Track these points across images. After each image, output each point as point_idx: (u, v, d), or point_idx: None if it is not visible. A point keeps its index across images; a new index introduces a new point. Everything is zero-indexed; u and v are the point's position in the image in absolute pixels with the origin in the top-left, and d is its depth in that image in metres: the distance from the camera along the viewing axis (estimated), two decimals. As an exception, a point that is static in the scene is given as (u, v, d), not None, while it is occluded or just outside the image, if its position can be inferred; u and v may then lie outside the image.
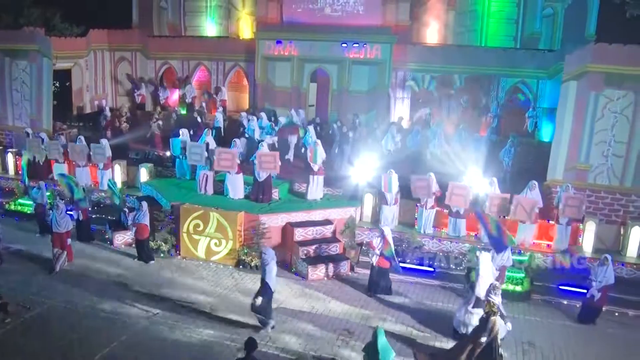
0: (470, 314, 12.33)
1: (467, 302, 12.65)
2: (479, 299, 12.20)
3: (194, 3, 29.82)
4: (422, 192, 17.31)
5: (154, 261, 16.43)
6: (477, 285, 12.43)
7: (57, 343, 11.99)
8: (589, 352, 12.46)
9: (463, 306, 12.74)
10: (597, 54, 16.99)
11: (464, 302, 12.83)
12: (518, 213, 16.25)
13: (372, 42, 24.98)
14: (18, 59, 24.10)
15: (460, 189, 16.94)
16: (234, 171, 18.04)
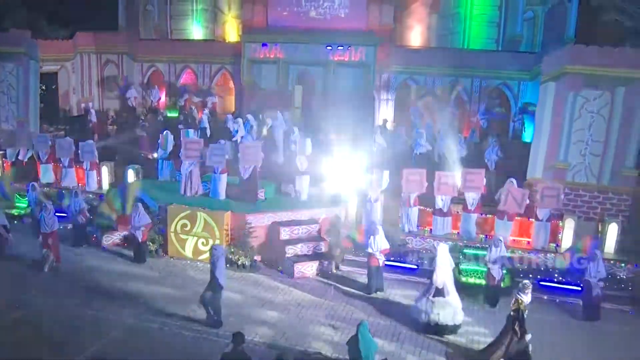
0: (431, 303, 13.07)
1: (427, 292, 13.35)
2: (438, 288, 13.06)
3: (180, 6, 30.01)
4: (414, 186, 17.58)
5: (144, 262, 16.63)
6: (435, 275, 13.21)
7: (47, 340, 12.19)
8: (563, 343, 12.92)
9: (423, 296, 13.40)
10: (575, 56, 17.42)
11: (424, 292, 13.51)
12: (509, 203, 16.64)
13: (356, 45, 25.39)
14: (4, 62, 24.19)
15: (448, 177, 17.28)
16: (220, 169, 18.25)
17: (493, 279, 14.76)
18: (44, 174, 21.33)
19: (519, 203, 16.59)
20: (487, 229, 17.49)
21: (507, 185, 16.79)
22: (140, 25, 30.73)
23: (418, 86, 25.65)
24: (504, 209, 16.79)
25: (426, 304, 13.22)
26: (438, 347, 12.64)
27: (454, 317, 13.20)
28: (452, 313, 13.19)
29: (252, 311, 13.88)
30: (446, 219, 17.55)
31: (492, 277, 14.76)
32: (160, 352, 11.92)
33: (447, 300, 13.17)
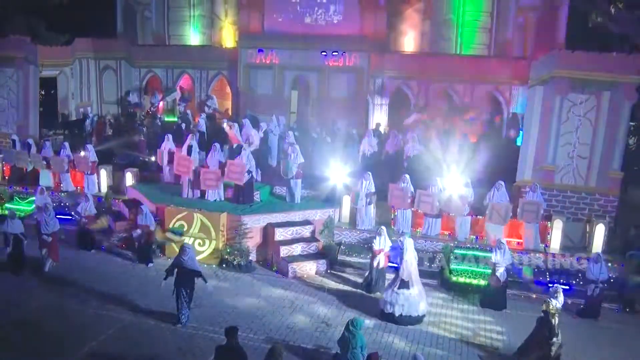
0: (396, 294, 13.72)
1: (393, 284, 13.93)
2: (403, 280, 13.74)
3: (177, 12, 30.33)
4: (398, 202, 18.05)
5: (153, 264, 16.92)
6: (401, 268, 13.82)
7: (47, 337, 12.51)
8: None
9: (389, 288, 13.98)
10: (561, 61, 17.81)
11: (390, 284, 14.09)
12: (494, 218, 17.09)
13: (350, 51, 25.76)
14: (5, 67, 24.51)
15: (428, 197, 17.72)
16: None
17: (497, 281, 14.91)
18: (43, 178, 21.69)
19: (502, 217, 17.03)
20: (477, 229, 17.92)
21: (496, 187, 17.24)
22: (138, 31, 31.14)
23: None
24: (489, 222, 17.27)
25: (392, 295, 13.79)
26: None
27: (418, 308, 13.86)
28: (416, 304, 13.80)
29: (246, 309, 14.22)
30: (436, 220, 17.97)
31: (497, 280, 14.89)
32: (156, 348, 12.24)
33: (412, 292, 13.76)
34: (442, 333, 13.53)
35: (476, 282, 15.80)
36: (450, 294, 15.73)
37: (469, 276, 15.98)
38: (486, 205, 17.27)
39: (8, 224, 15.69)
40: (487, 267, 15.69)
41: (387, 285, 14.36)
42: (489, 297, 15.05)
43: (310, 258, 17.05)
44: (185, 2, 30.10)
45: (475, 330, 13.71)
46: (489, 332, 13.70)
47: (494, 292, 14.98)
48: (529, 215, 16.96)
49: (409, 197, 17.83)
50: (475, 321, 14.20)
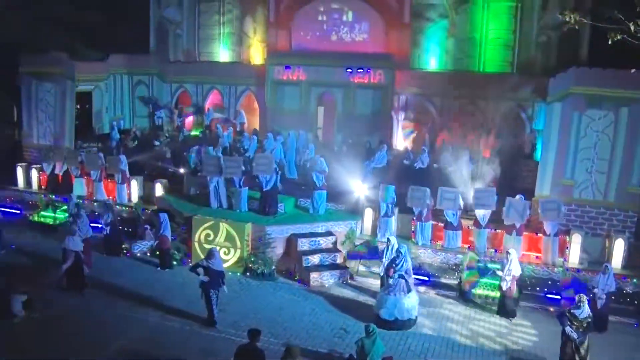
0: (391, 299, 14.32)
1: (387, 289, 14.55)
2: (389, 284, 14.51)
3: (208, 30, 31.29)
4: (417, 203, 18.45)
5: (171, 269, 17.75)
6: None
7: (76, 335, 13.29)
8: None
9: (383, 292, 14.64)
10: (579, 77, 18.06)
11: (384, 289, 14.74)
12: (511, 215, 17.41)
13: (375, 68, 26.26)
14: (44, 81, 25.63)
15: (450, 192, 18.12)
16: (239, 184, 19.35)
17: (506, 291, 15.29)
18: (77, 187, 22.64)
19: (520, 214, 17.34)
20: (496, 243, 18.21)
21: (508, 199, 17.56)
22: (170, 48, 32.12)
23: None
24: (508, 221, 17.57)
25: (386, 300, 14.32)
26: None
27: (410, 312, 14.42)
28: (408, 309, 14.36)
29: (268, 315, 14.77)
30: (457, 232, 18.30)
31: (501, 288, 15.37)
32: (180, 348, 12.84)
33: (406, 298, 14.34)
34: (457, 340, 13.87)
35: (494, 294, 16.07)
36: (469, 305, 16.03)
37: (488, 288, 16.27)
38: (504, 218, 17.60)
39: (69, 241, 15.76)
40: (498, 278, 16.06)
41: (382, 290, 14.97)
42: (501, 306, 15.46)
43: (331, 268, 17.54)
44: (215, 20, 31.06)
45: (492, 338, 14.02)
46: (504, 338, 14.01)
47: (505, 302, 15.35)
48: (549, 213, 17.26)
49: (430, 199, 18.27)
50: (492, 330, 14.52)
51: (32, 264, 17.66)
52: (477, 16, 26.93)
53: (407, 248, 15.30)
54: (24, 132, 26.60)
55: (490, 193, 17.90)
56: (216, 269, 13.83)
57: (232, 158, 20.04)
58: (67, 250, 15.62)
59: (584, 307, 12.15)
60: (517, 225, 17.56)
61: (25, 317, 13.89)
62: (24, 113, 26.53)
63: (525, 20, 26.26)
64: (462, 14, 27.33)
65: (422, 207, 18.33)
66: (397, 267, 14.48)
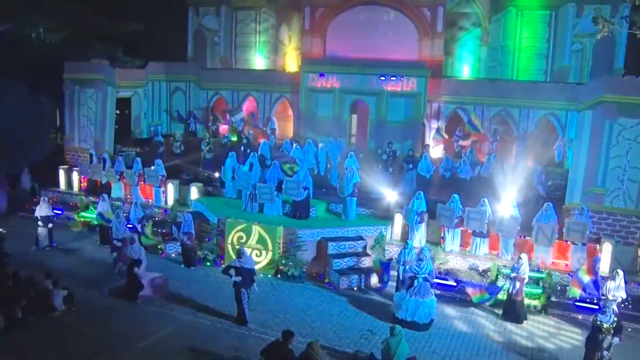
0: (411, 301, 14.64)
1: (407, 290, 14.85)
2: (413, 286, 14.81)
3: (244, 38, 32.00)
4: (445, 222, 18.66)
5: (195, 267, 18.34)
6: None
7: (114, 328, 13.91)
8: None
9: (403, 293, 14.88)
10: (611, 85, 18.06)
11: (404, 290, 14.96)
12: (540, 239, 17.45)
13: (408, 76, 26.42)
14: (86, 87, 26.67)
15: (476, 213, 18.24)
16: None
17: (516, 294, 15.47)
18: (115, 190, 23.43)
19: (548, 238, 17.34)
20: (526, 250, 18.21)
21: (536, 225, 17.54)
22: (207, 56, 32.93)
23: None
24: (536, 244, 17.63)
25: (407, 301, 14.62)
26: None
27: (430, 314, 14.70)
28: (429, 311, 14.66)
29: (297, 315, 15.14)
30: (484, 239, 18.42)
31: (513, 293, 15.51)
32: (212, 344, 13.28)
33: (425, 300, 14.61)
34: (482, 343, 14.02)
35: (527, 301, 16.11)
36: (495, 310, 16.12)
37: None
38: (534, 226, 17.63)
39: (129, 248, 16.01)
40: (534, 286, 16.13)
41: (401, 291, 15.17)
42: (507, 309, 15.60)
43: (361, 272, 17.82)
44: (251, 29, 31.75)
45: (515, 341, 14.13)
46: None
47: (513, 305, 15.47)
48: (574, 235, 17.23)
49: (456, 218, 18.40)
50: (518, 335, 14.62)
51: (72, 261, 18.46)
52: (510, 24, 27.02)
53: (428, 250, 15.52)
54: (67, 136, 27.69)
55: (515, 222, 17.83)
56: (247, 267, 14.27)
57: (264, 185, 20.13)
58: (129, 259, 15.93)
59: (610, 313, 12.18)
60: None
61: (65, 311, 14.56)
62: (66, 118, 27.66)
63: (560, 28, 26.22)
64: (495, 22, 27.48)
65: (450, 227, 18.57)
66: (420, 270, 14.70)
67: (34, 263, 17.62)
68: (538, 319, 15.68)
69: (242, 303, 14.29)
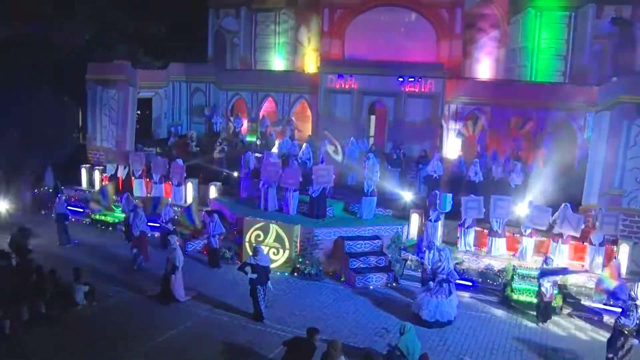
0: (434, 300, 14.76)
1: (430, 290, 14.96)
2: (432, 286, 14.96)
3: (264, 40, 32.24)
4: (473, 213, 18.74)
5: (219, 268, 18.58)
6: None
7: (133, 323, 14.23)
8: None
9: (427, 293, 14.98)
10: (628, 86, 18.00)
11: (427, 290, 15.09)
12: (565, 227, 17.49)
13: (426, 77, 26.40)
14: (108, 88, 27.15)
15: (504, 201, 18.34)
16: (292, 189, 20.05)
17: (543, 296, 15.36)
18: (137, 188, 23.84)
19: (574, 227, 17.35)
20: (542, 251, 18.24)
21: (563, 209, 17.57)
22: (227, 57, 33.27)
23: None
24: (560, 230, 17.60)
25: (428, 302, 14.77)
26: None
27: (450, 314, 14.86)
28: (449, 311, 14.80)
29: (313, 313, 15.34)
30: (500, 240, 18.48)
31: (542, 294, 15.36)
32: (228, 339, 13.56)
33: (448, 300, 14.76)
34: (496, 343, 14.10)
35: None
36: (510, 310, 16.18)
37: (531, 295, 16.34)
38: (553, 224, 17.67)
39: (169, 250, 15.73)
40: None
41: (424, 290, 15.27)
42: (538, 312, 15.55)
43: (377, 271, 17.97)
44: (271, 30, 31.98)
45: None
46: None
47: (543, 307, 15.42)
48: (607, 227, 17.30)
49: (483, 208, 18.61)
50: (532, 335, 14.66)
51: (93, 258, 18.81)
52: (529, 26, 26.89)
53: (449, 251, 15.58)
54: (89, 135, 28.20)
55: (546, 212, 17.91)
56: (263, 265, 14.51)
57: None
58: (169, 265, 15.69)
59: (634, 316, 12.25)
60: (565, 234, 17.60)
61: (86, 306, 14.95)
62: (88, 117, 28.17)
63: (579, 29, 26.04)
64: (514, 23, 27.39)
65: (479, 216, 18.68)
66: (440, 270, 14.83)
67: (58, 259, 18.03)
68: (554, 319, 15.64)
69: (258, 299, 14.53)
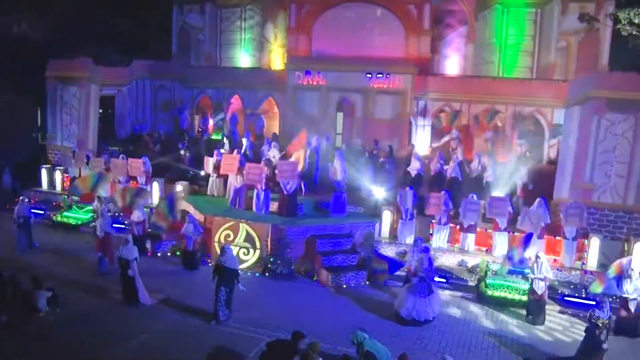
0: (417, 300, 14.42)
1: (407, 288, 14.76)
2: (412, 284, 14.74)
3: (229, 36, 31.78)
4: (434, 210, 18.60)
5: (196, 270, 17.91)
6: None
7: (100, 329, 13.51)
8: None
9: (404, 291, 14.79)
10: (599, 81, 18.14)
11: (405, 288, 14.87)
12: (525, 224, 17.47)
13: (394, 73, 26.41)
14: (69, 85, 26.26)
15: (473, 204, 18.21)
16: (261, 187, 19.58)
17: (535, 294, 15.04)
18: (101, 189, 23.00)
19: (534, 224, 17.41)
20: (514, 246, 18.19)
21: (525, 209, 17.65)
22: (191, 54, 32.64)
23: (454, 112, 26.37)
24: (521, 227, 17.72)
25: (407, 299, 14.46)
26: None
27: (428, 314, 14.48)
28: (427, 310, 14.44)
29: (287, 314, 14.89)
30: (472, 235, 18.41)
31: (535, 292, 15.03)
32: (200, 343, 12.99)
33: (427, 299, 14.45)
34: (474, 340, 13.94)
35: (511, 296, 16.09)
36: (485, 306, 16.06)
37: (505, 290, 16.28)
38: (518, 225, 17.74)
39: (122, 249, 15.05)
40: (523, 282, 16.07)
41: (406, 289, 14.96)
42: (530, 311, 15.24)
43: (349, 269, 17.63)
44: (236, 26, 31.56)
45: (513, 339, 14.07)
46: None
47: (535, 306, 15.14)
48: (572, 219, 17.32)
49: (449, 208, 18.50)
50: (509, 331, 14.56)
51: (56, 262, 18.02)
52: (496, 22, 27.10)
53: (430, 249, 15.34)
54: (49, 135, 27.24)
55: (504, 202, 17.94)
56: (228, 267, 14.05)
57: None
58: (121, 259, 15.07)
59: (606, 308, 12.15)
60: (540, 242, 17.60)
61: (49, 313, 14.19)
62: (48, 116, 27.21)
63: (545, 25, 26.30)
64: (481, 20, 27.55)
65: (440, 214, 18.56)
66: (420, 268, 14.60)
67: (17, 263, 17.20)
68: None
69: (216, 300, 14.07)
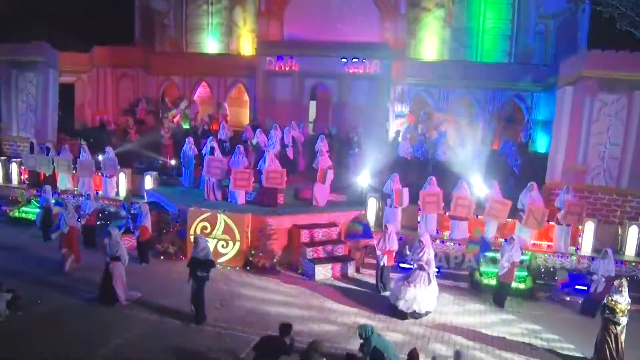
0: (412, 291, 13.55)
1: (407, 280, 13.76)
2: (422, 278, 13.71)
3: (196, 20, 30.42)
4: (431, 208, 17.77)
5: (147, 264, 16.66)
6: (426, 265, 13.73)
7: (69, 334, 12.15)
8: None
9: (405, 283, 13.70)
10: (591, 61, 17.57)
11: (404, 280, 13.88)
12: (530, 222, 16.75)
13: (370, 58, 25.61)
14: (25, 71, 24.54)
15: (464, 199, 17.44)
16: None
17: (502, 277, 14.62)
18: (61, 180, 21.56)
19: (538, 221, 16.70)
20: (506, 232, 17.53)
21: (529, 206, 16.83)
22: (156, 39, 31.10)
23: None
24: (525, 226, 16.95)
25: (406, 291, 13.55)
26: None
27: (428, 305, 13.67)
28: (427, 301, 13.62)
29: (272, 310, 13.86)
30: (463, 222, 17.67)
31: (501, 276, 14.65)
32: (182, 346, 11.84)
33: (428, 289, 13.64)
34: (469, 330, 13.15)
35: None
36: (481, 295, 15.32)
37: (498, 278, 15.60)
38: (520, 208, 16.95)
39: (107, 243, 13.83)
40: (519, 269, 15.38)
41: (402, 280, 14.01)
42: (497, 294, 14.83)
43: (336, 260, 16.69)
44: (203, 10, 30.25)
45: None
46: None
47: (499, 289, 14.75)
48: (572, 217, 16.66)
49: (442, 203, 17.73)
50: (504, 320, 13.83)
51: (15, 261, 16.43)
52: (474, 5, 26.69)
53: (428, 238, 14.38)
54: (3, 124, 25.42)
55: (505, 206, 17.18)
56: (201, 258, 13.04)
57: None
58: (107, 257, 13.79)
59: (625, 293, 11.44)
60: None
61: (10, 317, 12.72)
62: (2, 104, 25.41)
63: (523, 9, 25.96)
64: (458, 3, 27.05)
65: (438, 211, 17.91)
66: (417, 257, 13.70)
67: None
68: (525, 302, 14.96)
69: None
